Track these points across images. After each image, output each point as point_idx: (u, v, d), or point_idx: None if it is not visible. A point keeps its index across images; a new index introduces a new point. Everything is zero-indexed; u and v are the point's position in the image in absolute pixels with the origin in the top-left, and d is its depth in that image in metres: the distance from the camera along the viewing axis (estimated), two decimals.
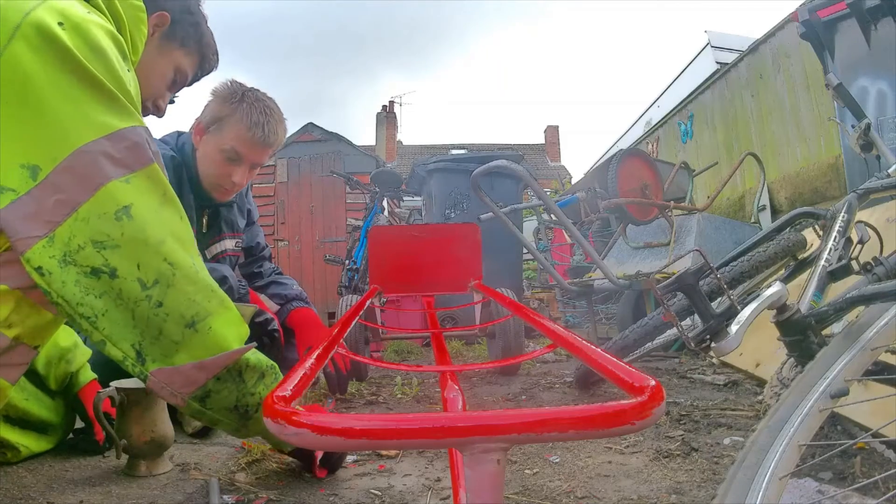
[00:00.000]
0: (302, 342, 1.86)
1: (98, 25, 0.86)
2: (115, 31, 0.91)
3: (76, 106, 0.80)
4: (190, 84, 1.29)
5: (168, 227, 0.85)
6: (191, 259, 0.87)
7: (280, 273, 2.11)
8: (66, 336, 1.30)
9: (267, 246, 2.10)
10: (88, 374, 1.34)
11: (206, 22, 1.26)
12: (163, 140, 1.77)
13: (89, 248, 0.79)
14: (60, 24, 0.80)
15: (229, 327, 0.89)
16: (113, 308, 0.80)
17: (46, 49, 0.78)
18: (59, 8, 0.81)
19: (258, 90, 1.74)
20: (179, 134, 1.80)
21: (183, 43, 1.20)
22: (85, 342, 1.39)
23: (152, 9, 1.14)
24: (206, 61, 1.28)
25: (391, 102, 20.90)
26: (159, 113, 1.20)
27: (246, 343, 0.93)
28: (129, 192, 0.82)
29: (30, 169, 0.77)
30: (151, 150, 0.86)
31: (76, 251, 0.78)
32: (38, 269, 0.77)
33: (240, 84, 1.73)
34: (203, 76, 1.31)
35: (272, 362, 0.98)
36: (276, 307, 1.92)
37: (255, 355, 0.93)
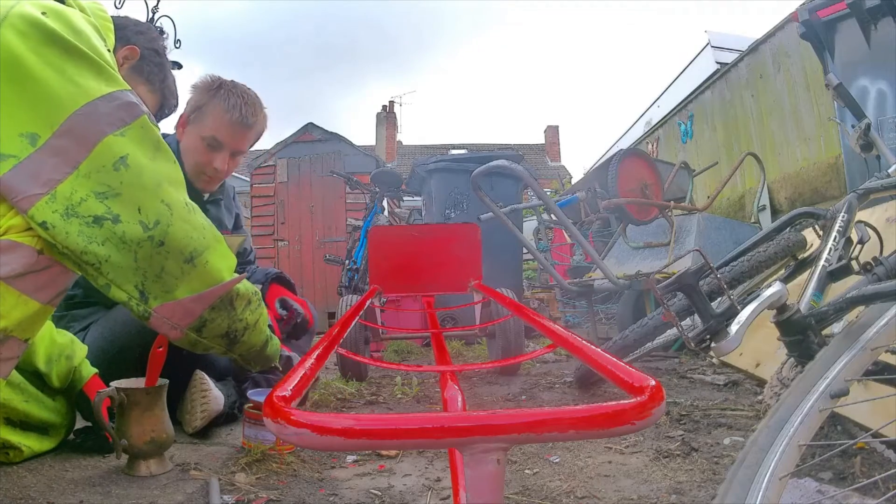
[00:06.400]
0: (271, 298, 1.86)
1: (76, 13, 0.94)
2: (93, 20, 0.99)
3: (66, 76, 0.86)
4: None
5: (162, 171, 0.91)
6: (184, 199, 0.93)
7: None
8: (61, 333, 1.31)
9: (253, 250, 2.12)
10: (90, 369, 1.35)
11: (171, 67, 1.37)
12: None
13: (91, 199, 0.84)
14: (44, 13, 0.88)
15: (222, 260, 0.97)
16: (115, 252, 0.86)
17: (32, 32, 0.85)
18: (40, 2, 0.90)
19: (236, 81, 1.76)
20: (165, 136, 1.82)
21: (148, 79, 1.29)
22: (81, 340, 1.40)
23: (123, 42, 1.19)
24: (166, 103, 1.37)
25: (391, 102, 20.93)
26: None
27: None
28: (125, 144, 0.87)
29: (29, 137, 0.83)
30: (141, 107, 0.92)
31: (78, 204, 0.84)
32: (42, 224, 0.82)
33: (218, 76, 1.76)
34: (161, 118, 1.40)
35: (255, 289, 1.07)
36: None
37: (243, 285, 1.01)
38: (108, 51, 0.98)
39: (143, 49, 1.25)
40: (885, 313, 0.86)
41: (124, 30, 1.25)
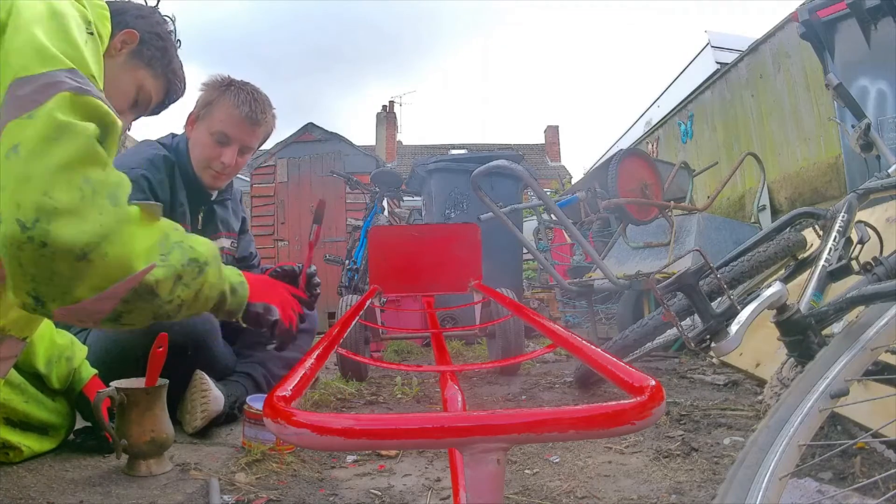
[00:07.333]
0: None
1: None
2: (82, 7, 0.91)
3: None
4: (156, 112, 1.30)
5: (62, 154, 0.74)
6: (80, 183, 0.75)
7: None
8: (61, 334, 1.30)
9: (257, 254, 2.12)
10: (89, 370, 1.35)
11: (176, 49, 1.29)
12: (159, 142, 1.79)
13: None
14: None
15: (129, 246, 0.79)
16: (3, 257, 0.74)
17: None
18: None
19: (246, 81, 1.77)
20: (174, 136, 1.82)
21: (150, 64, 1.22)
22: (83, 341, 1.40)
23: (122, 26, 1.15)
24: (172, 88, 1.30)
25: (391, 102, 20.93)
26: None
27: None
28: (26, 128, 0.74)
29: None
30: (71, 84, 0.78)
31: None
32: None
33: (228, 76, 1.77)
34: (169, 104, 1.33)
35: (194, 255, 0.89)
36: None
37: (165, 266, 0.84)
38: (91, 34, 0.91)
39: (143, 33, 1.20)
40: (885, 313, 0.86)
41: (124, 14, 1.20)
